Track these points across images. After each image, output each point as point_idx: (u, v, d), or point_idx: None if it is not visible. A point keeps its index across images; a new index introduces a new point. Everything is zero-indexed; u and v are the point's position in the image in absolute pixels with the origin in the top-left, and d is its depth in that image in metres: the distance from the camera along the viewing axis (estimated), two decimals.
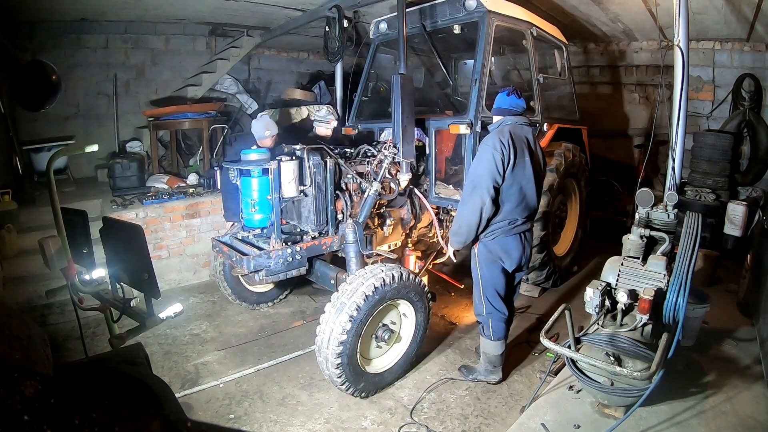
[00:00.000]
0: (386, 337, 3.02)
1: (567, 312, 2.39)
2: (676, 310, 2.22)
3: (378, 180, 3.34)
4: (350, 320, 2.69)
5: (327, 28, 4.92)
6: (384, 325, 3.05)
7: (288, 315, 4.19)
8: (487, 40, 3.66)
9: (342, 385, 2.79)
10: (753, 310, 3.31)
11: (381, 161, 3.41)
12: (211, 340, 3.74)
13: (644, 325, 2.30)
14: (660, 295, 2.27)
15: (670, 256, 2.45)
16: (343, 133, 4.64)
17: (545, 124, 4.19)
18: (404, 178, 3.49)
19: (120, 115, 6.27)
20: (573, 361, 2.35)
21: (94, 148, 2.51)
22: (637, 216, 2.69)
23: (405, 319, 3.17)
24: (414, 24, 4.12)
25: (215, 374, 3.25)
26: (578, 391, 2.60)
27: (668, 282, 2.29)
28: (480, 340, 3.09)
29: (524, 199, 2.86)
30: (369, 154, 3.58)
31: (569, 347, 2.29)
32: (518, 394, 3.02)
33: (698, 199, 4.97)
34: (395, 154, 3.39)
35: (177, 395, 2.04)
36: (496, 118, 3.02)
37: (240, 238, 3.53)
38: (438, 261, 4.08)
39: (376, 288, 2.77)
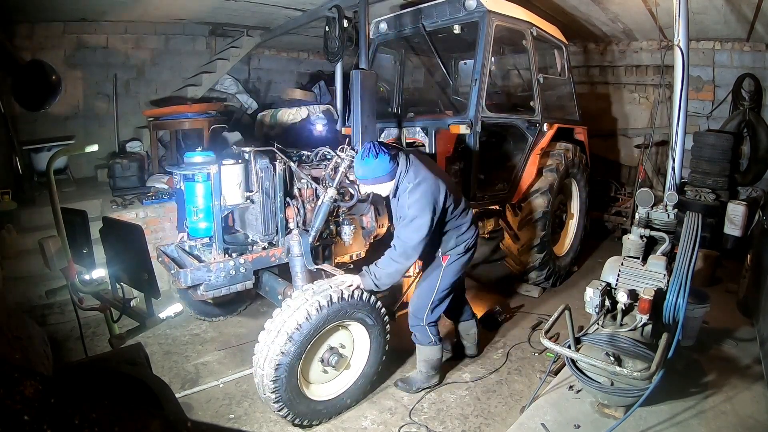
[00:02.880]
0: (334, 361, 2.71)
1: (567, 312, 2.39)
2: (676, 310, 2.22)
3: (333, 186, 2.99)
4: (281, 354, 2.43)
5: (327, 28, 4.92)
6: (332, 348, 2.73)
7: None
8: (487, 40, 3.67)
9: (279, 411, 2.55)
10: (753, 310, 3.30)
11: (337, 165, 3.07)
12: (211, 340, 3.74)
13: (644, 325, 2.30)
14: (660, 295, 2.27)
15: (670, 256, 2.45)
16: (342, 132, 4.63)
17: (545, 124, 4.19)
18: None
19: (120, 115, 6.27)
20: (573, 361, 2.35)
21: (94, 148, 2.51)
22: (637, 216, 2.69)
23: (357, 342, 2.88)
24: (413, 24, 4.13)
25: (215, 374, 3.25)
26: (578, 391, 2.60)
27: (668, 282, 2.29)
28: (417, 350, 3.00)
29: (460, 204, 2.83)
30: (329, 157, 3.23)
31: (569, 347, 2.29)
32: (518, 394, 3.02)
33: (698, 199, 4.97)
34: (353, 157, 3.02)
35: (177, 395, 2.05)
36: (381, 185, 2.73)
37: (186, 248, 3.24)
38: None
39: (308, 316, 2.46)
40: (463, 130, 3.59)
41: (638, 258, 2.52)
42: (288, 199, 3.05)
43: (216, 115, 6.21)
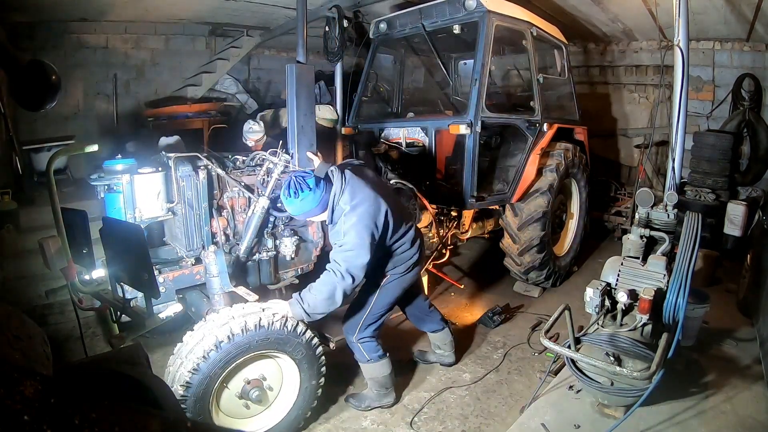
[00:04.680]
0: (254, 395, 2.38)
1: (567, 312, 2.39)
2: (676, 310, 2.22)
3: (266, 194, 2.73)
4: (186, 386, 2.15)
5: (327, 28, 4.93)
6: (255, 380, 2.41)
7: None
8: (487, 40, 3.67)
9: None
10: (753, 310, 3.31)
11: (270, 170, 2.80)
12: None
13: (644, 325, 2.30)
14: (660, 295, 2.27)
15: (670, 256, 2.45)
16: (342, 132, 4.63)
17: (545, 124, 4.20)
18: None
19: (120, 115, 6.28)
20: (573, 361, 2.35)
21: (94, 148, 2.51)
22: (637, 216, 2.69)
23: (285, 377, 2.55)
24: (413, 24, 4.13)
25: None
26: (578, 391, 2.60)
27: (668, 282, 2.29)
28: (362, 368, 2.80)
29: (403, 222, 2.60)
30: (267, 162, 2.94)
31: (569, 347, 2.29)
32: (518, 394, 3.02)
33: (698, 199, 4.97)
34: (288, 162, 2.82)
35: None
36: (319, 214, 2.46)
37: None
38: (438, 261, 4.07)
39: (217, 344, 2.18)
40: (463, 130, 3.59)
41: (638, 258, 2.52)
42: (214, 210, 2.74)
43: (216, 115, 6.22)
